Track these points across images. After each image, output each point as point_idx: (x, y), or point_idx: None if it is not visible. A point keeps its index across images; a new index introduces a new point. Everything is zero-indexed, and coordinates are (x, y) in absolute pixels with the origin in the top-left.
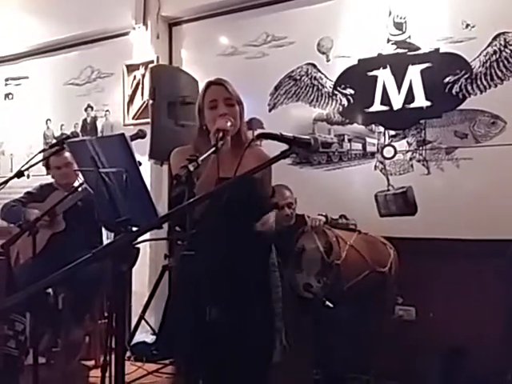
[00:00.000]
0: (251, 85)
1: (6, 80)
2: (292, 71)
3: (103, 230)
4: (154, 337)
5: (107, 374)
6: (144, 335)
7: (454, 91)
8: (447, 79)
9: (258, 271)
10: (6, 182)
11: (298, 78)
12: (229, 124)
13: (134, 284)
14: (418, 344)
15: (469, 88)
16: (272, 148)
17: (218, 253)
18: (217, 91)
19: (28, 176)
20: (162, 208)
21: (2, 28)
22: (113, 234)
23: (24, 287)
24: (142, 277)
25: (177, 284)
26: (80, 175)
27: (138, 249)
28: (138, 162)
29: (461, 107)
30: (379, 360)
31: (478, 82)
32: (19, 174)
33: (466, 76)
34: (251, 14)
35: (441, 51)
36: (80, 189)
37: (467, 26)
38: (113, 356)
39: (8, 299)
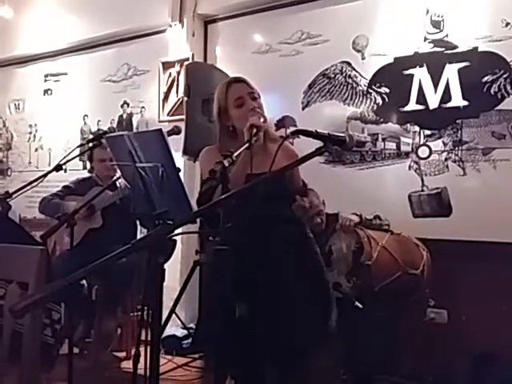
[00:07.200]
0: (285, 82)
1: (46, 76)
2: (326, 69)
3: (137, 230)
4: (184, 331)
5: (139, 366)
6: (174, 329)
7: (492, 91)
8: (485, 79)
9: (297, 262)
10: (45, 175)
11: (333, 76)
12: (262, 120)
13: (166, 279)
14: (449, 347)
15: (508, 88)
16: (306, 145)
17: (253, 247)
18: (240, 88)
19: (65, 170)
20: (195, 203)
21: (42, 25)
22: (146, 231)
23: (59, 278)
24: (173, 272)
25: (210, 279)
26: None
27: (175, 241)
28: (178, 168)
29: (499, 107)
30: (409, 362)
31: None
32: (57, 168)
33: (505, 76)
34: (286, 11)
35: (479, 50)
36: (118, 184)
37: (507, 24)
38: (143, 348)
39: (46, 287)
